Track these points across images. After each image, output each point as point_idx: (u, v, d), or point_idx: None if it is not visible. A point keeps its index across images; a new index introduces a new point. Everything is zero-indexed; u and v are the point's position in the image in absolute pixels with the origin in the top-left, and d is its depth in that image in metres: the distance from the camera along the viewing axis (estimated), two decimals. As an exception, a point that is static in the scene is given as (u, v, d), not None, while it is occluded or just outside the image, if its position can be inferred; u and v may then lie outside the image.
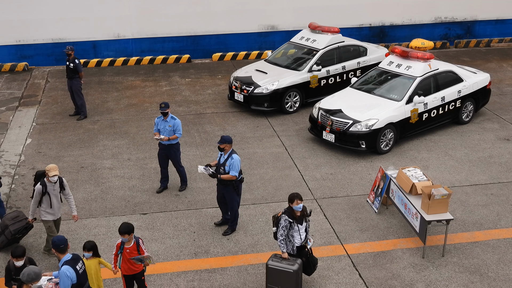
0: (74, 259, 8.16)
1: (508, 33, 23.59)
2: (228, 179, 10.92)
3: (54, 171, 10.02)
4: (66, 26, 20.52)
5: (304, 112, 16.74)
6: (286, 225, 9.38)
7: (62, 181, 10.35)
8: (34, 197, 10.18)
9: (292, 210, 9.46)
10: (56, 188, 10.24)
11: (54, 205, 10.31)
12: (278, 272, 9.34)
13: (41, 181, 10.15)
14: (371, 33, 22.57)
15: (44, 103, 17.69)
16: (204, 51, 21.72)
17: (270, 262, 9.43)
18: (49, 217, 10.35)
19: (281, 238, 9.41)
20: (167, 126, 12.29)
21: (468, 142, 15.11)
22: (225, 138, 10.92)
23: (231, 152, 10.93)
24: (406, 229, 11.51)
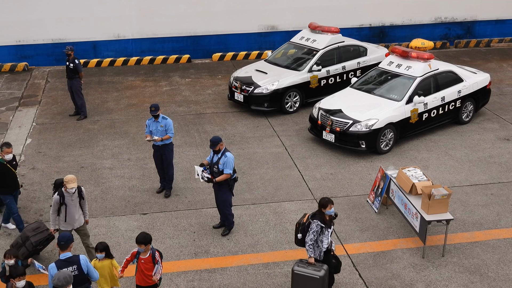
0: (68, 261, 8.09)
1: (508, 33, 23.59)
2: (224, 179, 10.82)
3: (72, 183, 9.68)
4: (66, 26, 20.52)
5: (304, 112, 16.74)
6: (317, 230, 9.21)
7: (81, 190, 10.04)
8: (52, 207, 9.89)
9: (323, 215, 9.30)
10: (74, 198, 9.91)
11: (72, 215, 9.95)
12: (304, 278, 9.14)
13: (59, 191, 9.84)
14: (371, 33, 22.57)
15: (44, 103, 17.69)
16: (204, 51, 21.72)
17: (296, 268, 9.24)
18: (67, 227, 10.03)
19: (310, 243, 9.22)
20: (159, 127, 12.19)
21: (468, 142, 15.11)
22: (215, 139, 10.76)
23: (224, 150, 10.85)
24: (406, 229, 11.51)
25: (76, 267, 8.11)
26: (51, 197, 12.54)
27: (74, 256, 8.19)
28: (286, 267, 10.49)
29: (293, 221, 11.78)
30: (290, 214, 12.02)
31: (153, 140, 12.22)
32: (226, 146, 14.76)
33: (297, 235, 9.45)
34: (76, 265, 8.12)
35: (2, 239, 11.23)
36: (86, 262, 8.24)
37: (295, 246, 11.00)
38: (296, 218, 11.85)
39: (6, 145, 10.88)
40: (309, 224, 9.32)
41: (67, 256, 8.13)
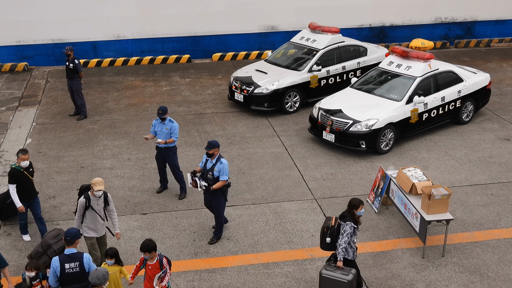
0: (71, 257, 8.18)
1: (508, 33, 23.59)
2: (220, 186, 10.62)
3: (99, 185, 9.51)
4: (66, 27, 20.53)
5: (304, 112, 16.74)
6: (351, 232, 9.15)
7: (107, 196, 9.80)
8: (78, 211, 9.68)
9: (355, 216, 9.25)
10: (100, 203, 9.71)
11: (98, 221, 9.75)
12: (332, 281, 9.06)
13: (85, 194, 9.65)
14: (371, 34, 22.57)
15: (44, 103, 17.69)
16: (204, 51, 21.72)
17: (324, 271, 9.16)
18: (92, 233, 9.79)
19: (344, 245, 9.14)
20: (164, 129, 12.16)
21: (468, 142, 15.11)
22: (213, 143, 10.63)
23: (219, 157, 10.67)
24: (406, 229, 11.51)
25: (78, 264, 8.16)
26: (51, 197, 12.57)
27: (78, 253, 8.25)
28: (286, 267, 10.49)
29: (293, 221, 11.79)
30: (290, 214, 12.02)
31: (157, 143, 12.20)
32: (226, 146, 14.81)
33: (325, 239, 9.31)
34: (79, 262, 8.17)
35: (2, 239, 11.24)
36: (89, 261, 8.27)
37: (295, 246, 11.02)
38: (296, 218, 11.86)
39: (23, 151, 10.61)
40: (339, 227, 9.24)
41: (72, 252, 8.21)
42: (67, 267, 8.13)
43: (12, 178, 10.56)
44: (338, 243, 9.20)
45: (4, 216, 11.64)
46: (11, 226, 11.62)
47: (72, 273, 8.16)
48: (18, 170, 10.56)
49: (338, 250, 9.17)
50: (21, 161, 10.53)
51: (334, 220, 9.35)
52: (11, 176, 10.56)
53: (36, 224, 11.20)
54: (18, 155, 10.60)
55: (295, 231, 11.47)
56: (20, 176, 10.57)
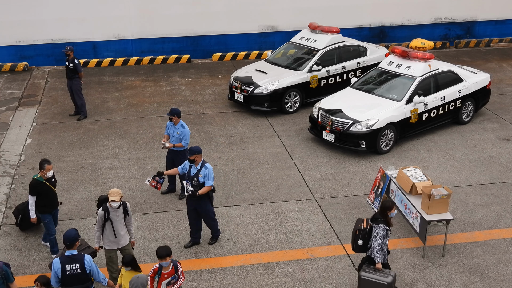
0: (72, 258, 8.18)
1: (508, 33, 23.59)
2: (206, 191, 10.47)
3: (114, 195, 9.27)
4: (66, 27, 20.52)
5: (304, 112, 16.74)
6: (384, 234, 9.16)
7: (126, 206, 9.57)
8: (97, 223, 9.48)
9: (387, 218, 9.26)
10: (119, 214, 9.46)
11: (117, 232, 9.51)
12: (372, 284, 9.03)
13: (104, 206, 9.42)
14: (371, 34, 22.57)
15: (44, 103, 17.69)
16: (204, 51, 21.72)
17: (363, 274, 9.11)
18: (113, 245, 9.58)
19: (378, 248, 9.13)
20: (175, 133, 12.18)
21: (468, 142, 15.11)
22: (194, 148, 10.47)
23: (203, 162, 10.53)
24: (406, 229, 11.51)
25: (79, 265, 8.17)
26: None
27: (79, 255, 8.26)
28: (286, 267, 10.49)
29: (293, 221, 11.79)
30: (290, 214, 12.02)
31: (164, 147, 12.22)
32: (226, 146, 14.82)
33: (357, 242, 9.28)
34: (80, 263, 8.18)
35: (2, 239, 11.24)
36: (89, 263, 8.27)
37: (295, 246, 11.02)
38: (296, 218, 11.86)
39: (47, 162, 10.28)
40: (371, 229, 9.23)
41: (72, 254, 8.23)
42: (68, 269, 8.15)
43: (33, 190, 10.20)
44: (371, 246, 9.20)
45: (24, 226, 11.27)
46: (11, 226, 11.62)
47: (73, 274, 8.17)
48: (40, 181, 10.21)
49: (374, 253, 9.17)
50: (47, 172, 10.19)
51: (365, 223, 9.34)
52: (32, 188, 10.20)
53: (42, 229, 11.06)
54: (43, 166, 10.20)
55: (295, 231, 11.47)
56: (42, 187, 10.23)
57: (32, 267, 10.46)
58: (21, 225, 11.27)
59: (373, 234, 9.19)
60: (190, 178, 10.50)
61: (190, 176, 10.50)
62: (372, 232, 9.24)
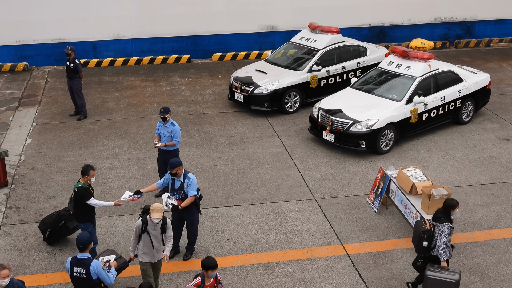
0: (80, 262, 8.18)
1: (508, 33, 23.60)
2: (190, 202, 10.18)
3: (157, 213, 9.00)
4: (66, 26, 20.52)
5: (304, 112, 16.74)
6: (449, 232, 9.20)
7: (166, 222, 9.32)
8: (134, 233, 9.32)
9: (450, 216, 9.29)
10: (157, 228, 9.23)
11: (153, 246, 9.29)
12: (440, 282, 9.00)
13: (143, 217, 9.21)
14: (371, 33, 22.58)
15: (44, 103, 17.69)
16: (204, 51, 21.72)
17: (430, 273, 9.06)
18: (146, 258, 9.36)
19: (444, 246, 9.15)
20: (166, 132, 12.13)
21: (468, 142, 15.11)
22: (175, 162, 10.15)
23: (185, 173, 10.24)
24: (406, 229, 11.51)
25: (85, 270, 8.17)
26: (51, 197, 12.57)
27: (88, 259, 8.22)
28: (286, 267, 10.49)
29: (293, 221, 11.79)
30: (290, 214, 12.03)
31: (156, 146, 12.19)
32: (226, 146, 14.82)
33: (422, 244, 9.28)
34: (86, 268, 8.17)
35: (2, 239, 11.24)
36: (96, 269, 8.20)
37: (295, 246, 11.02)
38: (296, 218, 11.87)
39: (92, 168, 10.02)
40: (434, 229, 9.26)
41: (82, 257, 8.22)
42: (75, 271, 8.19)
43: (86, 195, 9.88)
44: (436, 245, 9.23)
45: (54, 239, 10.95)
46: (11, 226, 11.62)
47: (79, 278, 8.20)
48: (86, 187, 9.91)
49: (439, 251, 9.19)
50: (91, 178, 9.96)
51: (428, 224, 9.34)
52: (84, 193, 9.88)
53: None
54: (87, 172, 9.91)
55: (295, 231, 11.47)
56: (85, 193, 9.91)
57: (32, 267, 10.46)
58: (50, 239, 10.92)
59: (438, 232, 9.21)
60: (175, 191, 10.22)
61: (174, 189, 10.23)
62: (435, 231, 9.26)
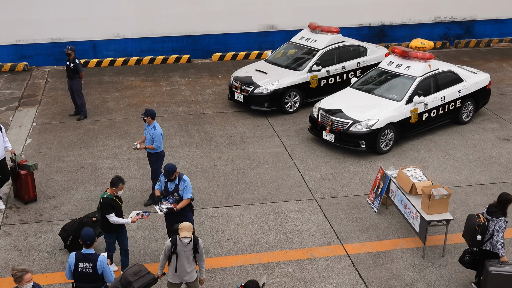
0: (87, 257, 8.21)
1: (508, 33, 23.61)
2: (185, 204, 10.07)
3: (186, 232, 8.65)
4: (65, 26, 20.52)
5: (304, 112, 16.74)
6: (505, 226, 9.23)
7: (197, 242, 8.89)
8: (163, 253, 8.96)
9: (506, 210, 9.31)
10: (188, 250, 8.84)
11: (183, 267, 8.91)
12: (504, 277, 8.97)
13: (172, 238, 8.86)
14: (371, 33, 22.58)
15: (44, 103, 17.69)
16: (204, 51, 21.72)
17: (493, 269, 9.03)
18: (175, 279, 9.03)
19: (502, 241, 9.22)
20: (148, 134, 11.95)
21: (468, 142, 15.11)
22: (170, 168, 9.97)
23: (179, 175, 10.12)
24: (406, 229, 11.51)
25: (92, 265, 8.20)
26: (51, 197, 12.58)
27: (94, 255, 8.25)
28: (286, 267, 10.49)
29: (293, 221, 11.79)
30: (290, 214, 12.03)
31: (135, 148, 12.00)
32: (226, 146, 14.83)
33: (476, 237, 9.31)
34: (92, 263, 8.20)
35: (2, 239, 11.24)
36: (102, 264, 8.23)
37: (295, 246, 11.02)
38: (296, 218, 11.87)
39: (122, 181, 9.88)
40: (488, 223, 9.28)
41: (88, 252, 8.25)
42: (81, 266, 8.20)
43: (109, 208, 9.75)
44: (494, 240, 9.25)
45: (75, 247, 10.40)
46: (11, 226, 11.62)
47: (85, 273, 8.21)
48: (112, 198, 9.79)
49: (498, 247, 9.24)
50: (119, 190, 9.84)
51: (482, 217, 9.36)
52: (108, 206, 9.75)
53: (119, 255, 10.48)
54: (116, 184, 9.81)
55: (295, 231, 11.47)
56: (115, 203, 9.84)
57: (32, 267, 10.46)
58: (71, 247, 10.66)
59: (494, 228, 9.24)
60: (169, 193, 10.11)
61: (168, 192, 10.11)
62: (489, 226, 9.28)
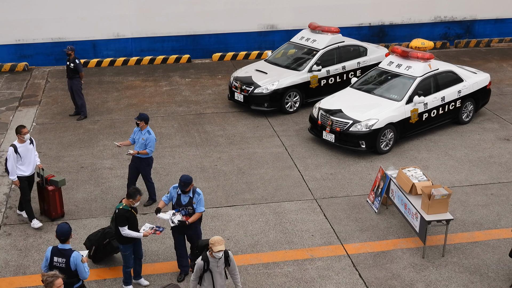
0: (61, 252, 8.27)
1: (508, 32, 23.61)
2: (197, 218, 9.81)
3: (219, 245, 8.28)
4: (65, 26, 20.52)
5: (304, 112, 16.74)
6: None
7: (228, 255, 8.62)
8: (194, 273, 8.60)
9: None
10: (220, 264, 8.54)
11: (218, 283, 8.62)
12: None
13: (203, 255, 8.50)
14: (371, 33, 22.58)
15: (44, 103, 17.69)
16: (204, 50, 21.72)
17: None
18: None
19: None
20: (141, 139, 11.83)
21: (468, 142, 15.12)
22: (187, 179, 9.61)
23: (194, 188, 9.78)
24: (406, 229, 11.51)
25: (65, 260, 8.27)
26: (51, 197, 12.57)
27: (69, 250, 8.31)
28: (286, 267, 10.49)
29: (293, 221, 11.79)
30: (290, 214, 12.03)
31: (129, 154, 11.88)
32: (226, 146, 14.83)
33: None
34: (66, 259, 8.27)
35: (2, 239, 11.24)
36: (75, 260, 8.25)
37: (295, 246, 11.02)
38: (296, 218, 11.87)
39: (139, 193, 9.51)
40: None
41: (63, 248, 8.31)
42: (55, 260, 8.29)
43: (123, 220, 9.43)
44: None
45: (98, 257, 10.52)
46: (11, 226, 11.62)
47: (58, 267, 8.24)
48: (127, 209, 9.47)
49: None
50: (136, 202, 9.49)
51: None
52: (122, 218, 9.42)
53: None
54: (134, 196, 9.43)
55: (295, 231, 11.47)
56: (130, 215, 9.49)
57: (32, 267, 10.46)
58: (95, 257, 10.51)
59: None
60: (181, 206, 9.76)
61: (181, 205, 9.75)
62: None
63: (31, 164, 11.48)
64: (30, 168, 11.46)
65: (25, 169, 11.39)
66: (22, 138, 11.21)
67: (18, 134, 11.22)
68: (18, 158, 11.23)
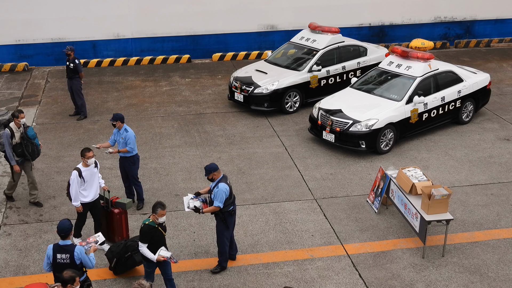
0: (64, 248, 8.28)
1: (508, 32, 23.61)
2: (211, 211, 9.90)
3: None
4: (65, 26, 20.52)
5: (304, 112, 16.74)
6: None
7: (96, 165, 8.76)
8: None
9: None
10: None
11: None
12: None
13: None
14: (371, 33, 22.58)
15: (44, 103, 17.69)
16: (203, 50, 21.73)
17: None
18: None
19: None
20: (120, 138, 11.82)
21: (468, 142, 15.12)
22: (209, 167, 9.85)
23: (219, 180, 9.89)
24: (406, 229, 11.51)
25: (69, 256, 8.28)
26: (51, 197, 12.56)
27: (71, 245, 8.34)
28: (286, 267, 10.49)
29: (293, 221, 11.79)
30: (290, 214, 12.03)
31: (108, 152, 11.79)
32: (226, 146, 14.81)
33: None
34: (69, 254, 8.28)
35: (2, 239, 11.24)
36: (79, 254, 8.30)
37: (295, 246, 11.02)
38: (296, 218, 11.87)
39: (162, 206, 9.04)
40: None
41: (65, 244, 8.33)
42: (59, 257, 8.29)
43: (145, 237, 9.04)
44: None
45: (119, 270, 10.25)
46: (11, 226, 11.62)
47: (63, 264, 8.26)
48: (153, 226, 9.05)
49: None
50: (160, 217, 9.02)
51: None
52: (145, 235, 9.04)
53: None
54: (156, 210, 9.02)
55: (295, 231, 11.47)
56: (155, 233, 9.07)
57: (32, 267, 10.46)
58: (115, 270, 10.29)
59: None
60: (209, 192, 10.05)
61: (210, 191, 10.04)
62: None
63: (93, 189, 10.63)
64: (92, 193, 10.62)
65: (87, 194, 10.56)
66: (86, 162, 10.42)
67: (83, 158, 10.40)
68: (81, 183, 10.43)
